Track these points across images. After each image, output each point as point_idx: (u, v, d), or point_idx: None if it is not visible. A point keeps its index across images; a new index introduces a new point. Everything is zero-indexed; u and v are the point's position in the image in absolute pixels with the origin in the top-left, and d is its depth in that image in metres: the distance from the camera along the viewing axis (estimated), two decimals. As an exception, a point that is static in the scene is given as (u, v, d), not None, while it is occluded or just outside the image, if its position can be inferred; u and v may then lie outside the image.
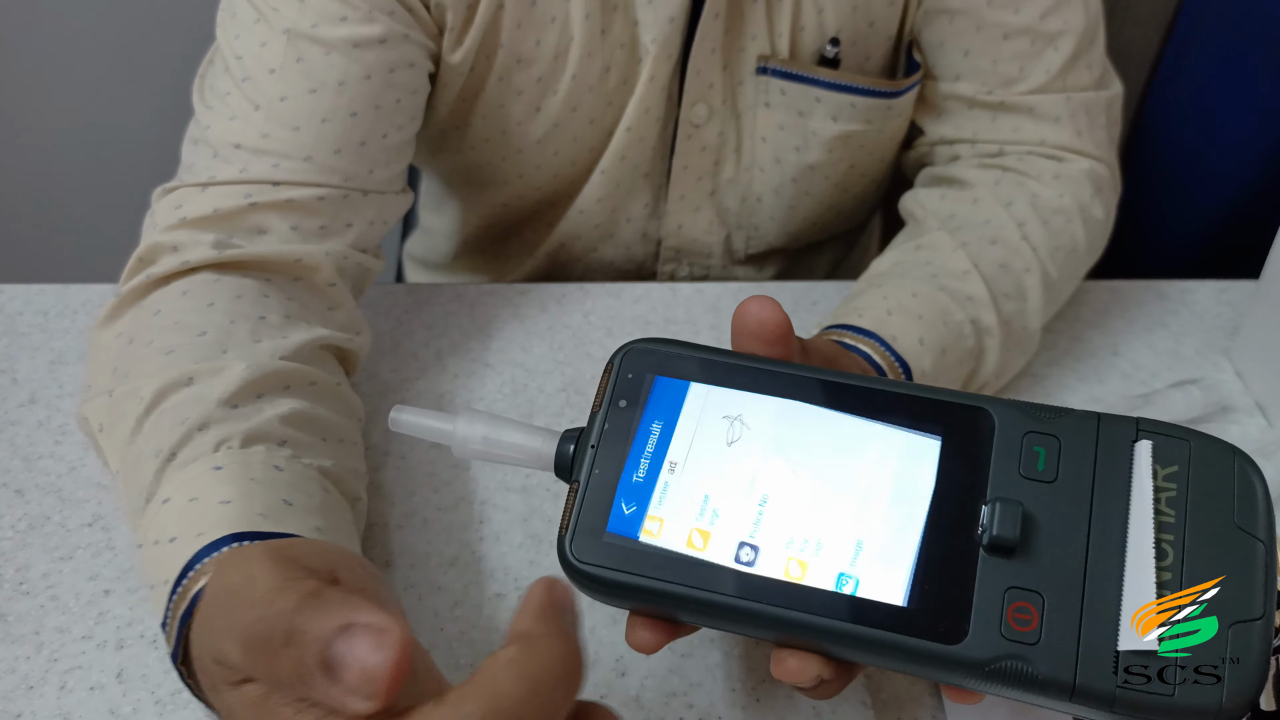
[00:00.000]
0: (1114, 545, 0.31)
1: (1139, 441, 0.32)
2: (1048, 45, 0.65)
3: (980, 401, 0.34)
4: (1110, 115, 0.69)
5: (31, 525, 0.53)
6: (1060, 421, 0.33)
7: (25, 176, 1.46)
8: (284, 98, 0.56)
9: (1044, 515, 0.32)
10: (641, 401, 0.36)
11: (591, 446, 0.36)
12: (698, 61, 0.65)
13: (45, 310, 0.67)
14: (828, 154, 0.70)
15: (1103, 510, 0.32)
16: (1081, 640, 0.30)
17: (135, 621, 0.49)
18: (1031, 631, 0.30)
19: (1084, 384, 0.64)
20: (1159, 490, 0.31)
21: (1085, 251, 0.65)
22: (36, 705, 0.46)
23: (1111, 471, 0.32)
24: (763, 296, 0.37)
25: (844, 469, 0.34)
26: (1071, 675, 0.30)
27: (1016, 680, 0.30)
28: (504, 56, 0.63)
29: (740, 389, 0.36)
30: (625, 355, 0.37)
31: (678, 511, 0.34)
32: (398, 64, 0.58)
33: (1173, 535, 0.31)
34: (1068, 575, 0.31)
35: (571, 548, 0.34)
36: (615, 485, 0.35)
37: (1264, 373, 0.63)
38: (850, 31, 0.66)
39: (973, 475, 0.33)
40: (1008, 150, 0.68)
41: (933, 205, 0.65)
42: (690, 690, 0.47)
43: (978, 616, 0.31)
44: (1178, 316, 0.70)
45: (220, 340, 0.49)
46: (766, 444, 0.35)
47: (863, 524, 0.33)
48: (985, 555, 0.31)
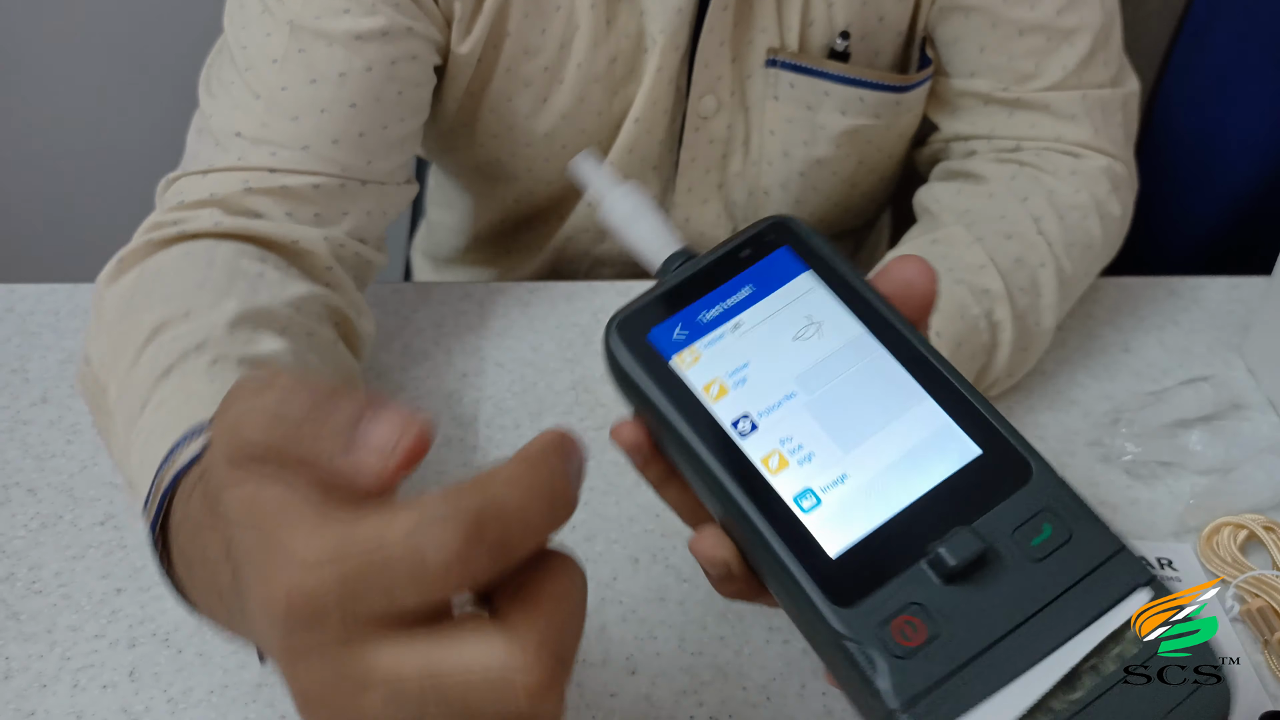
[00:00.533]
0: (1036, 650, 0.30)
1: (1138, 590, 0.31)
2: (1063, 41, 0.65)
3: (1034, 456, 0.33)
4: (1127, 112, 0.68)
5: (44, 524, 0.54)
6: (1085, 523, 0.31)
7: (35, 177, 1.46)
8: (284, 88, 0.56)
9: (1000, 575, 0.31)
10: (754, 260, 0.37)
11: (689, 269, 0.37)
12: (706, 53, 0.65)
13: (56, 310, 0.67)
14: (836, 149, 0.70)
15: (1055, 615, 0.30)
16: (930, 692, 0.29)
17: (147, 620, 0.49)
18: (903, 646, 0.30)
19: (1095, 381, 0.64)
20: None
21: (1101, 248, 0.65)
22: (50, 703, 0.46)
23: (1091, 593, 0.31)
24: (919, 259, 0.36)
25: (877, 415, 0.34)
26: (892, 709, 0.29)
27: (852, 673, 0.30)
28: (511, 46, 0.63)
29: (839, 302, 0.36)
30: (775, 222, 0.38)
31: (714, 361, 0.35)
32: (400, 57, 0.59)
33: (1096, 681, 0.29)
34: (972, 635, 0.30)
35: (615, 328, 0.36)
36: (681, 308, 0.36)
37: (1276, 369, 0.63)
38: (860, 25, 0.65)
39: (977, 500, 0.32)
40: (1024, 146, 0.67)
41: (948, 200, 0.65)
42: (700, 689, 0.47)
43: (874, 602, 0.30)
44: (1189, 313, 0.70)
45: (220, 289, 0.50)
46: (825, 357, 0.35)
47: (860, 468, 0.33)
48: (924, 565, 0.31)
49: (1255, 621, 0.48)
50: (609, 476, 0.57)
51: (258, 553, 0.27)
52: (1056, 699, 0.29)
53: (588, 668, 0.47)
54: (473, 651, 0.25)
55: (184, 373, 0.45)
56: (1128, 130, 0.69)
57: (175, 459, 0.39)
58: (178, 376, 0.45)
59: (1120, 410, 0.60)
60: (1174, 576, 0.51)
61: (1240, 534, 0.53)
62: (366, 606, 0.25)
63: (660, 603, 0.50)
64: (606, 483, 0.56)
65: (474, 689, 0.25)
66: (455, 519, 0.25)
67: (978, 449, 0.33)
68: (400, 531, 0.25)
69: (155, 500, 0.39)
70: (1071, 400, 0.63)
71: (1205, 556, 0.52)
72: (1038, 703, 0.29)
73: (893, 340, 0.35)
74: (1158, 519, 0.55)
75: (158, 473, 0.39)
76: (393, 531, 0.25)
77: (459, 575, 0.25)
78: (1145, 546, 0.53)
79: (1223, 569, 0.51)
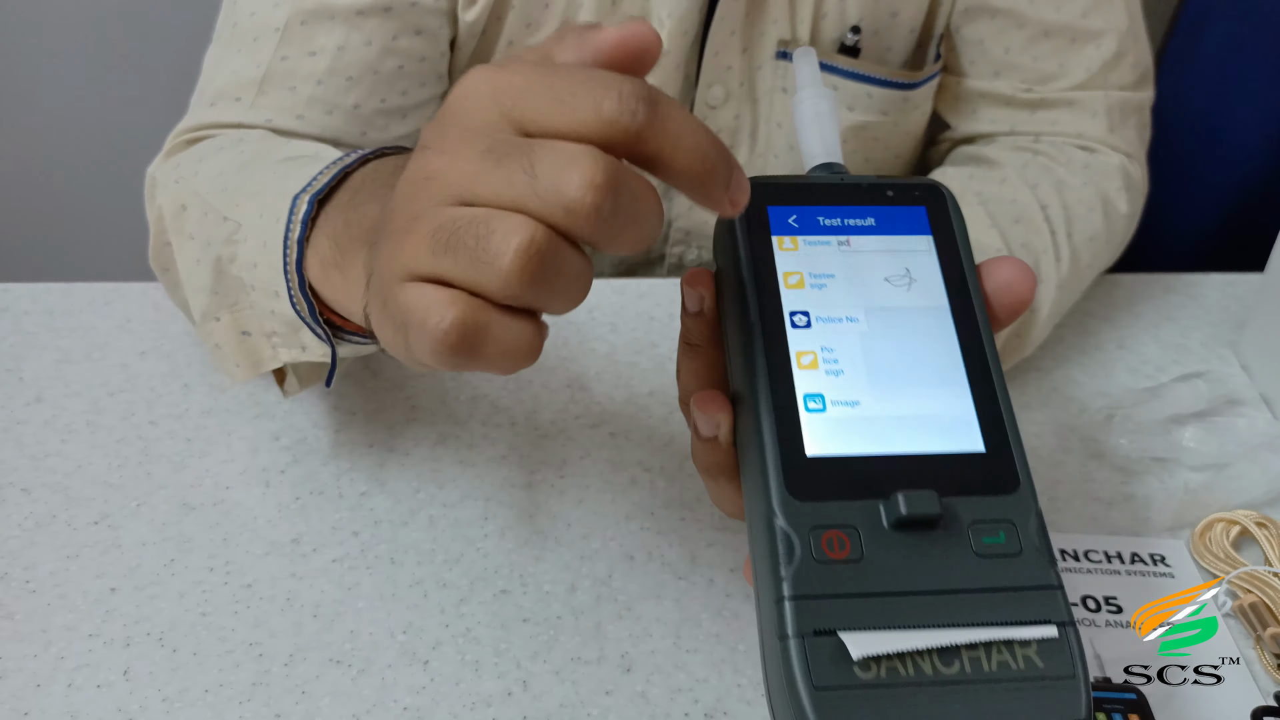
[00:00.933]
0: (932, 617, 0.30)
1: (1050, 625, 0.31)
2: (1089, 42, 0.65)
3: (1026, 477, 0.34)
4: (1141, 118, 0.69)
5: (38, 524, 0.54)
6: (1036, 552, 0.32)
7: (30, 176, 1.46)
8: (285, 57, 0.58)
9: (939, 547, 0.32)
10: (893, 203, 0.39)
11: (837, 179, 0.39)
12: (716, 43, 0.65)
13: (51, 309, 0.67)
14: (842, 144, 0.70)
15: (966, 602, 0.31)
16: (822, 598, 0.30)
17: (142, 620, 0.49)
18: (823, 553, 0.31)
19: (1090, 378, 0.64)
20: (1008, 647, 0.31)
21: (1105, 243, 0.65)
22: (45, 703, 0.46)
23: (1006, 603, 0.31)
24: (1024, 265, 0.37)
25: (915, 374, 0.35)
26: (783, 595, 0.30)
27: (769, 558, 0.31)
28: (514, 19, 0.64)
29: (939, 272, 0.37)
30: (932, 185, 0.39)
31: (809, 258, 0.37)
32: (402, 31, 0.60)
33: (973, 666, 0.30)
34: (887, 577, 0.31)
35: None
36: (808, 203, 0.38)
37: (1270, 366, 0.63)
38: (872, 20, 0.65)
39: (957, 483, 0.33)
40: (1043, 137, 0.68)
41: (961, 183, 0.65)
42: (696, 686, 0.47)
43: (820, 508, 0.32)
44: (1184, 310, 0.70)
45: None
46: (900, 307, 0.36)
47: (874, 404, 0.34)
48: (881, 505, 0.32)
49: (1247, 617, 0.49)
50: (605, 474, 0.57)
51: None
52: (927, 661, 0.30)
53: (582, 665, 0.48)
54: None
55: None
56: (1142, 135, 0.69)
57: (327, 172, 0.44)
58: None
59: (1115, 406, 0.60)
60: (1167, 572, 0.52)
61: (1233, 530, 0.53)
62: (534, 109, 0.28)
63: (656, 600, 0.50)
64: (602, 480, 0.56)
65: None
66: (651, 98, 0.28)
67: (982, 446, 0.34)
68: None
69: (300, 212, 0.43)
70: (1067, 396, 0.63)
71: (1198, 552, 0.52)
72: (909, 653, 0.30)
73: (964, 324, 0.36)
74: (1151, 514, 0.55)
75: (307, 186, 0.43)
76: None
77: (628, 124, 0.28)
78: (1138, 542, 0.53)
79: (1215, 565, 0.51)
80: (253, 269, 0.47)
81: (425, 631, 0.49)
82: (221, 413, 0.60)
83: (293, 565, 0.52)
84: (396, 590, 0.51)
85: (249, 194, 0.48)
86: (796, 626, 0.30)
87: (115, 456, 0.57)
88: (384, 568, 0.52)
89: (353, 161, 0.43)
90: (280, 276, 0.44)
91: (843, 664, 0.29)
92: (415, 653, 0.48)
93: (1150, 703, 0.45)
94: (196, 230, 0.51)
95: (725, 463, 0.36)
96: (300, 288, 0.43)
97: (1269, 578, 0.49)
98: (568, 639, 0.49)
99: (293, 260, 0.42)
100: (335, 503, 0.55)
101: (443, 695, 0.46)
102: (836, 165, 0.40)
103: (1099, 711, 0.45)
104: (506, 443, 0.59)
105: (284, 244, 0.43)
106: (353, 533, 0.53)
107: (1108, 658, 0.47)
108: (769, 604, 0.31)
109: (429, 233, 0.28)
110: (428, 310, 0.28)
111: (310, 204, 0.42)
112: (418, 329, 0.29)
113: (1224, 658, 0.47)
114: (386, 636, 0.49)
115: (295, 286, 0.43)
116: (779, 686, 0.30)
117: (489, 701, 0.46)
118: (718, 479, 0.37)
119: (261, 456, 0.57)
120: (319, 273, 0.42)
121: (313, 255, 0.42)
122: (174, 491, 0.55)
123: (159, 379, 0.62)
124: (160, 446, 0.58)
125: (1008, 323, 0.37)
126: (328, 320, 0.44)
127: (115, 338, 0.65)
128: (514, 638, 0.49)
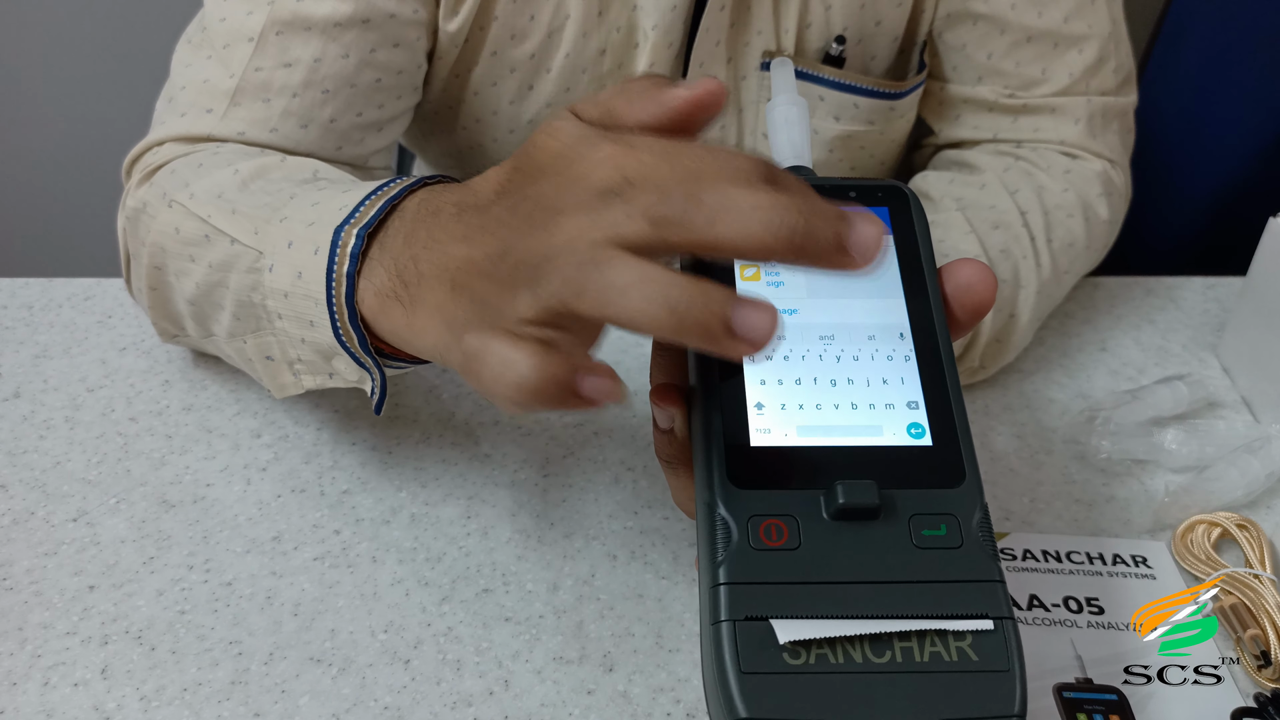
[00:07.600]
0: (867, 607, 0.30)
1: (986, 620, 0.31)
2: (1071, 48, 0.65)
3: (973, 473, 0.34)
4: (1124, 123, 0.69)
5: (15, 520, 0.53)
6: (978, 546, 0.32)
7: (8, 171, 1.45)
8: (259, 69, 0.57)
9: (878, 538, 0.32)
10: (854, 203, 0.39)
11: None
12: (701, 53, 0.65)
13: (30, 304, 0.66)
14: (828, 154, 0.70)
15: (902, 593, 0.31)
16: (756, 584, 0.31)
17: (120, 617, 0.49)
18: (761, 541, 0.31)
19: (1071, 380, 0.65)
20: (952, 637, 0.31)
21: (1084, 249, 0.65)
22: (20, 702, 0.45)
23: (943, 596, 0.31)
24: (985, 267, 0.37)
25: (866, 367, 0.36)
26: (719, 581, 0.30)
27: (710, 544, 0.32)
28: (498, 30, 0.63)
29: (897, 270, 0.38)
30: (894, 187, 0.40)
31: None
32: (380, 44, 0.59)
33: (905, 656, 0.30)
34: (822, 566, 0.31)
35: None
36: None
37: (1250, 369, 0.63)
38: (856, 29, 0.65)
39: (900, 476, 0.33)
40: (1025, 144, 0.68)
41: (942, 188, 0.65)
42: (677, 686, 0.47)
43: (760, 496, 0.32)
44: (1165, 313, 0.70)
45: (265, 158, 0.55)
46: (855, 299, 0.37)
47: (824, 390, 0.35)
48: (821, 496, 0.32)
49: (1228, 618, 0.49)
50: (587, 473, 0.57)
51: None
52: (858, 649, 0.30)
53: (564, 664, 0.47)
54: None
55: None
56: (1125, 140, 0.69)
57: (380, 198, 0.43)
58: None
59: (1096, 408, 0.60)
60: (1148, 574, 0.52)
61: (1214, 531, 0.53)
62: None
63: (638, 599, 0.50)
64: (585, 479, 0.56)
65: None
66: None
67: (929, 441, 0.34)
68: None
69: (379, 201, 0.42)
70: (1048, 398, 0.63)
71: (1179, 554, 0.53)
72: (839, 641, 0.30)
73: (919, 322, 0.37)
74: (1133, 516, 0.55)
75: (360, 206, 0.43)
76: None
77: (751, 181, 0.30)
78: (1120, 544, 0.53)
79: (1197, 566, 0.52)
80: (282, 298, 0.46)
81: (406, 630, 0.49)
82: (202, 409, 0.59)
83: (273, 563, 0.51)
84: (378, 589, 0.50)
85: (265, 220, 0.47)
86: (729, 611, 0.30)
87: (94, 453, 0.57)
88: (365, 566, 0.51)
89: (397, 194, 0.42)
90: (321, 308, 0.43)
91: (772, 650, 0.29)
92: (396, 651, 0.48)
93: (1131, 703, 0.45)
94: (199, 254, 0.50)
95: (681, 455, 0.37)
96: (350, 319, 0.42)
97: (1250, 579, 0.50)
98: (549, 638, 0.49)
99: (341, 293, 0.42)
100: (316, 500, 0.55)
101: (423, 694, 0.46)
102: (805, 169, 0.41)
103: (1079, 712, 0.45)
104: (489, 441, 0.58)
105: (328, 276, 0.42)
106: (334, 531, 0.53)
107: (1089, 658, 0.47)
108: (706, 590, 0.31)
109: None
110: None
111: (359, 238, 0.41)
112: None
113: (1223, 659, 0.48)
114: (367, 635, 0.48)
115: (345, 319, 0.42)
116: (710, 670, 0.30)
117: (470, 701, 0.46)
118: (677, 471, 0.38)
119: (242, 453, 0.57)
120: (374, 304, 0.41)
121: (366, 286, 0.41)
122: (153, 488, 0.55)
123: (138, 375, 0.62)
124: (140, 443, 0.57)
125: (969, 324, 0.37)
126: (376, 349, 0.44)
127: (95, 333, 0.64)
128: (495, 637, 0.49)
